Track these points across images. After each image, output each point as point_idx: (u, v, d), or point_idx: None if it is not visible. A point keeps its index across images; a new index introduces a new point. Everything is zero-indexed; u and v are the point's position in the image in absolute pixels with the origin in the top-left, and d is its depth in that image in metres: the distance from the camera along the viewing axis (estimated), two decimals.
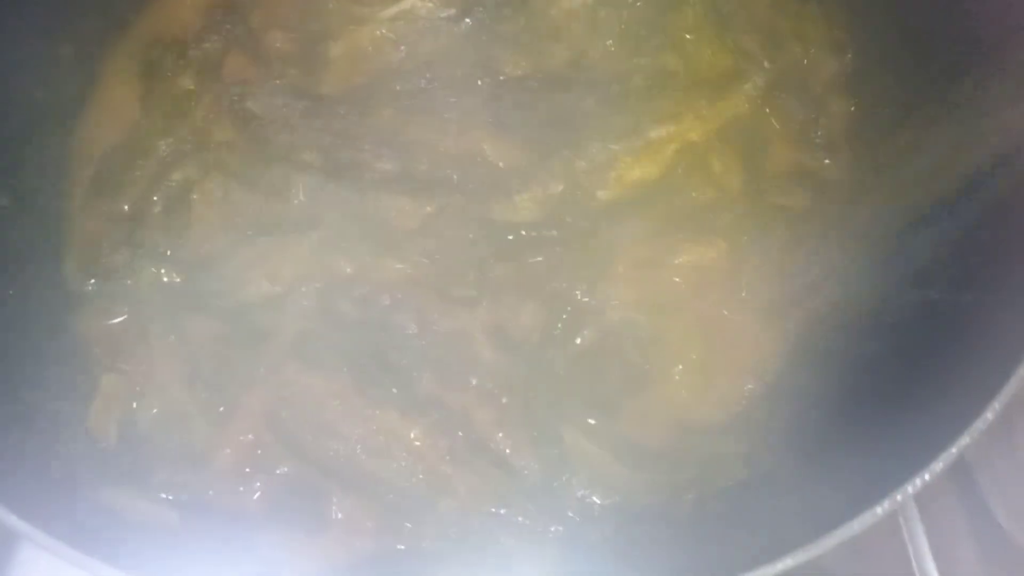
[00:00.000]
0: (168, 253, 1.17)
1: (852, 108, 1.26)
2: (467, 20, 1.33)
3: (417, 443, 1.06)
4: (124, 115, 1.28)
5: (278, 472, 1.07)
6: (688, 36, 1.28)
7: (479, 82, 1.26)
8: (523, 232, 1.15)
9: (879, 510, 0.79)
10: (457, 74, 1.26)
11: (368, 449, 1.06)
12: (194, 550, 0.97)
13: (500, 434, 1.06)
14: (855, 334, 1.06)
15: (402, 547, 1.03)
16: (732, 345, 1.12)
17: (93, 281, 1.16)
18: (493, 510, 1.03)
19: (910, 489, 0.81)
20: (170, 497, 1.02)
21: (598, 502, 1.02)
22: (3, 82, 1.18)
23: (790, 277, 1.14)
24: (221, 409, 1.09)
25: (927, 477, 0.81)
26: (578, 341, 1.09)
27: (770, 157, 1.23)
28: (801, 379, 1.08)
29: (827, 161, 1.23)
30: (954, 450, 0.82)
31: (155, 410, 1.10)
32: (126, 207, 1.21)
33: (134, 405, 1.10)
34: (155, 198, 1.21)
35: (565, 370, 1.08)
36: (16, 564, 1.15)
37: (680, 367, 1.10)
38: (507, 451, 1.06)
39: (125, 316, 1.15)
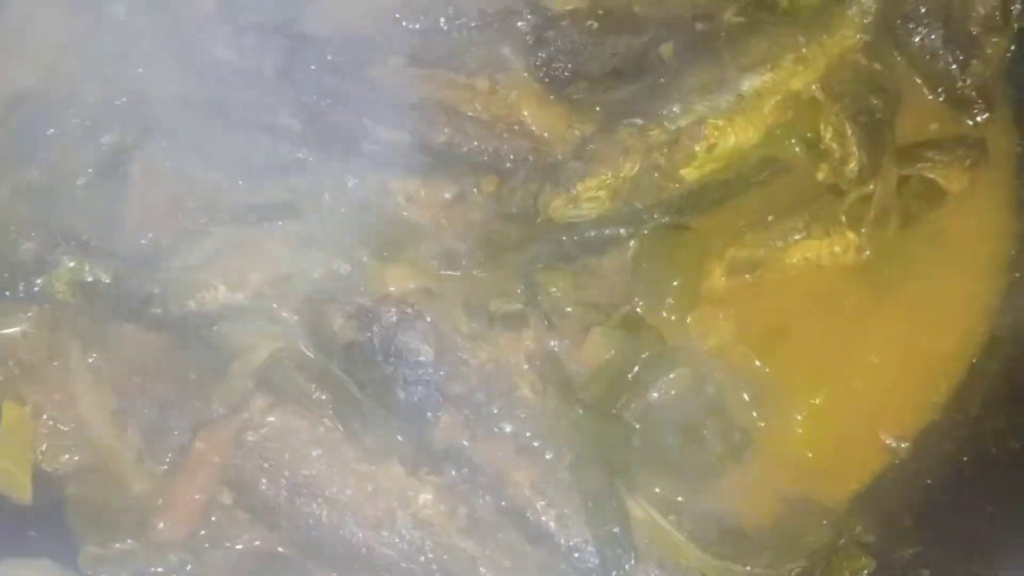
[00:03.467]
0: (94, 243, 1.03)
1: (1012, 48, 1.09)
2: None
3: (428, 510, 0.92)
4: (40, 49, 1.12)
5: (239, 547, 0.94)
6: None
7: (518, 21, 1.10)
8: (582, 230, 1.01)
9: None
10: (488, 9, 1.10)
11: (360, 517, 0.92)
12: None
13: (542, 502, 0.92)
14: None
15: None
16: (867, 385, 0.98)
17: None
18: None
19: None
20: None
21: None
22: None
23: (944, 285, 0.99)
24: (164, 458, 0.95)
25: None
26: (660, 388, 0.95)
27: (901, 116, 1.07)
28: (956, 442, 0.95)
29: (979, 119, 1.07)
30: None
31: (76, 457, 0.97)
32: (38, 176, 1.06)
33: (44, 447, 0.97)
34: (79, 167, 1.07)
35: (640, 422, 0.95)
36: None
37: (799, 417, 0.96)
38: (551, 524, 0.92)
39: (33, 325, 1.00)
